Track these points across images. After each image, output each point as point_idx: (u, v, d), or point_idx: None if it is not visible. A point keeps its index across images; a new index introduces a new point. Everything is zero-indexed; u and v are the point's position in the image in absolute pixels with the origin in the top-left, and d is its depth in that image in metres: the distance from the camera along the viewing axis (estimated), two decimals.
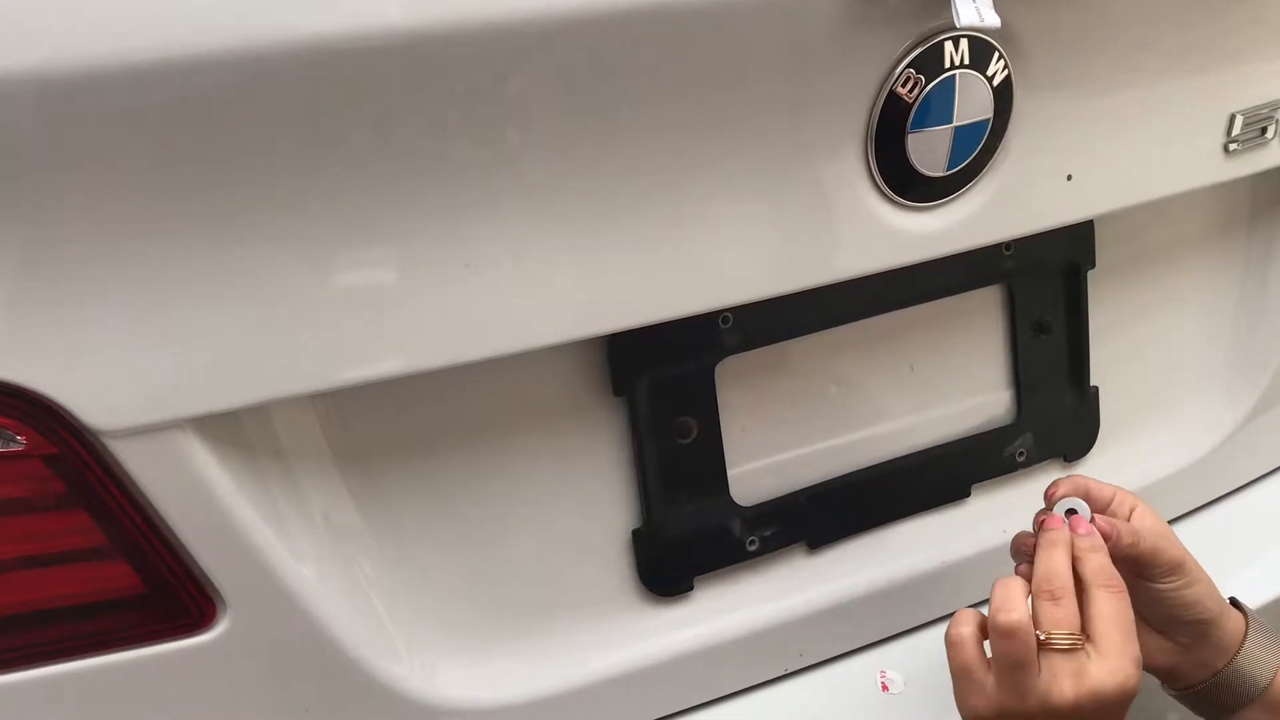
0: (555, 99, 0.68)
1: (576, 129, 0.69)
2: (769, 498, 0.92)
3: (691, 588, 0.90)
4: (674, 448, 0.86)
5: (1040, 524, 0.80)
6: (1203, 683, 0.83)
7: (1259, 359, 1.12)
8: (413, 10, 0.62)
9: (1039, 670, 0.71)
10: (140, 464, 0.66)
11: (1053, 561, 0.75)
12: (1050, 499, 0.83)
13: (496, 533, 0.83)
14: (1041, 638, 0.71)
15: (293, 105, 0.62)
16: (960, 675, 0.75)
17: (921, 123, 0.78)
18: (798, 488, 0.94)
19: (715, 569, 0.91)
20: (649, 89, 0.70)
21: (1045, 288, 1.00)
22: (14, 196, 0.59)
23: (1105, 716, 0.70)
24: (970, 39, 0.77)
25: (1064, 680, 0.70)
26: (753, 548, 0.92)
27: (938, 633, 0.99)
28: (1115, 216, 0.97)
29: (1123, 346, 1.07)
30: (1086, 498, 0.82)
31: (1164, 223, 1.05)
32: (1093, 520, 0.79)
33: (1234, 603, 0.85)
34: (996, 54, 0.79)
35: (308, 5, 0.61)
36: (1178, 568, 0.81)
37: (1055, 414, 1.03)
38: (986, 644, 0.75)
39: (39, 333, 0.62)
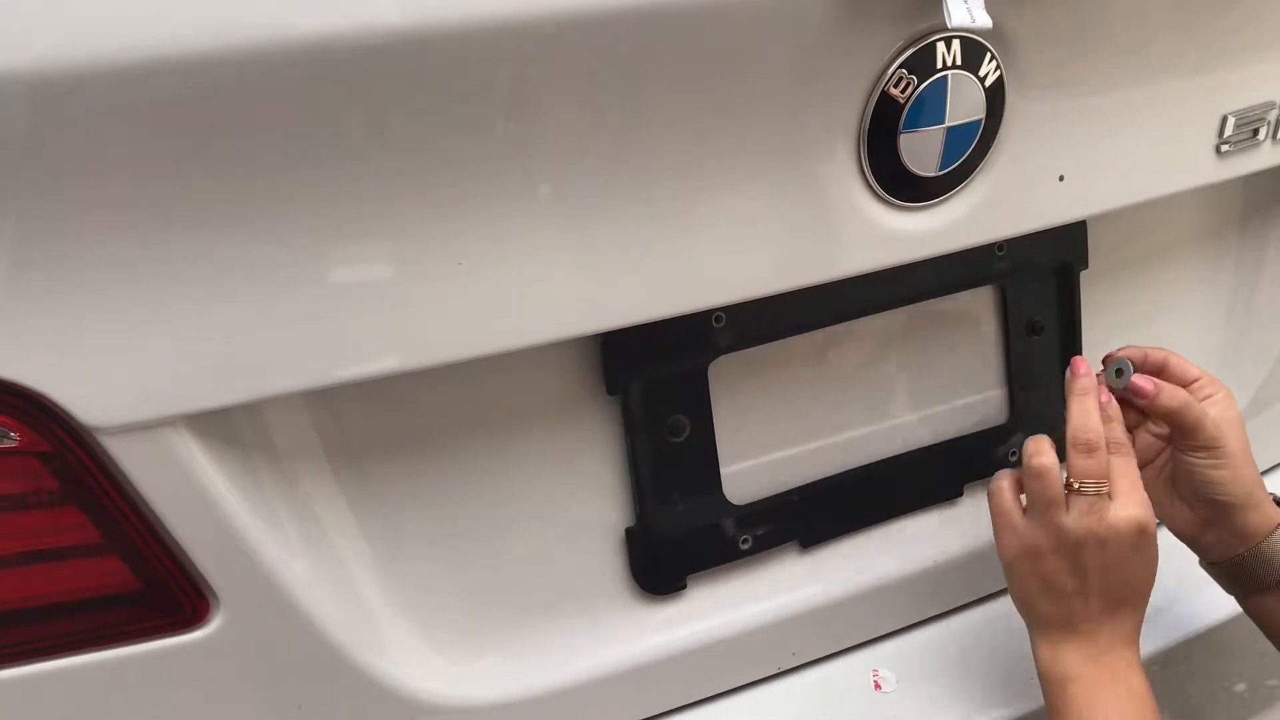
0: (549, 99, 0.68)
1: (570, 128, 0.69)
2: (762, 496, 0.93)
3: (684, 586, 0.91)
4: (667, 446, 0.87)
5: (1072, 370, 0.87)
6: (1225, 561, 0.89)
7: (1251, 360, 1.13)
8: (409, 8, 0.62)
9: (1066, 509, 0.80)
10: (134, 461, 0.66)
11: (1086, 414, 0.84)
12: (1110, 358, 0.90)
13: (489, 531, 0.84)
14: (1075, 485, 0.81)
15: (286, 103, 0.62)
16: (998, 517, 0.85)
17: (914, 123, 0.79)
18: (791, 486, 0.94)
19: (708, 567, 0.91)
20: (642, 89, 0.70)
21: (1038, 288, 1.00)
22: (8, 193, 0.59)
23: (1126, 550, 0.79)
24: (962, 40, 0.78)
25: (1088, 516, 0.79)
26: (746, 546, 0.92)
27: (930, 632, 1.00)
28: (1108, 217, 0.97)
29: (1115, 346, 1.06)
30: (1160, 368, 0.89)
31: (1156, 223, 1.06)
32: (1131, 379, 0.87)
33: (1277, 501, 0.89)
34: (989, 55, 0.79)
35: (305, 3, 0.61)
36: (1213, 448, 0.86)
37: (1048, 414, 1.03)
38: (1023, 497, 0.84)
39: (34, 329, 0.62)
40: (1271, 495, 0.90)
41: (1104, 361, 0.90)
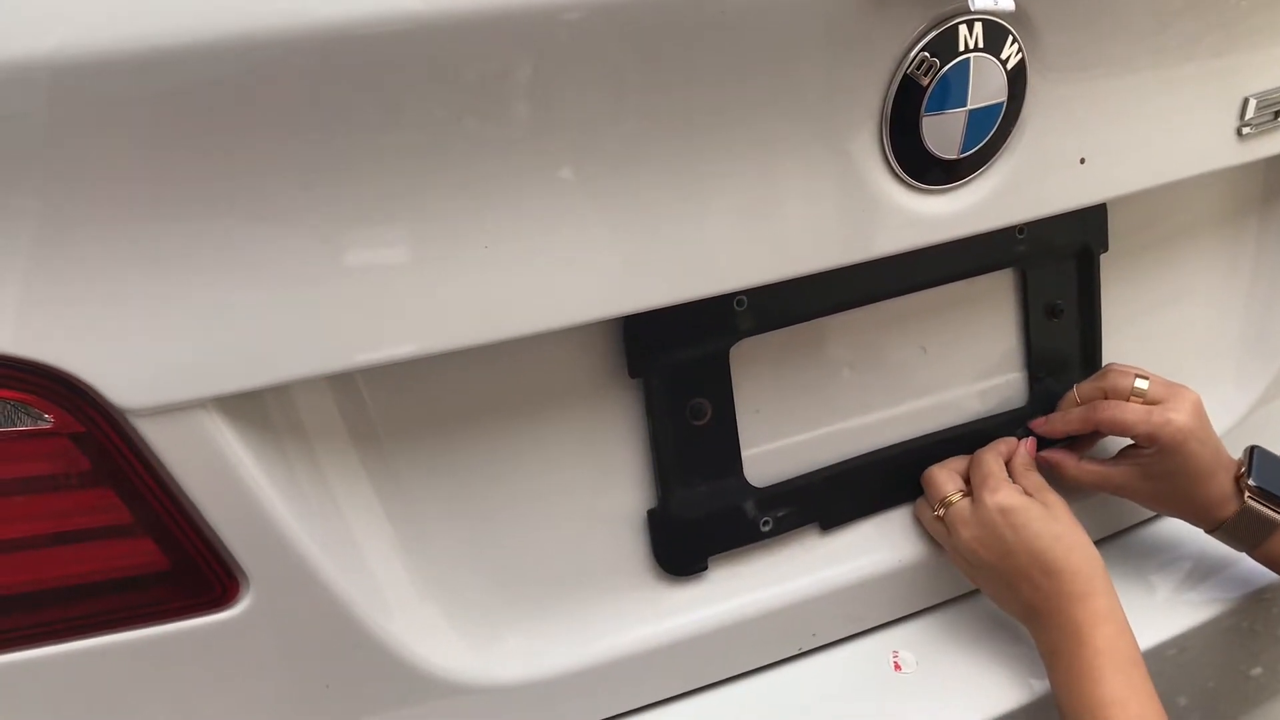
0: (573, 83, 0.68)
1: (594, 112, 0.70)
2: (783, 479, 0.93)
3: (705, 568, 0.91)
4: (689, 429, 0.87)
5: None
6: (1215, 529, 0.96)
7: (1271, 343, 1.13)
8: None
9: (949, 530, 0.93)
10: (165, 442, 0.67)
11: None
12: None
13: (513, 513, 0.84)
14: (938, 510, 0.94)
15: (313, 87, 0.62)
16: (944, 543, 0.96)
17: (936, 106, 0.79)
18: (811, 469, 0.94)
19: (729, 549, 0.92)
20: (666, 73, 0.70)
21: (1058, 271, 1.00)
22: (39, 179, 0.60)
23: (1003, 530, 0.89)
24: (985, 22, 0.78)
25: (960, 525, 0.92)
26: (766, 528, 0.92)
27: (950, 613, 1.01)
28: (1128, 200, 0.97)
29: (1135, 330, 1.07)
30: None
31: (1177, 206, 1.06)
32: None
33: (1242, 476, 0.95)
34: (1010, 37, 0.79)
35: None
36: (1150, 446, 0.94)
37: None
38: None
39: (66, 313, 0.63)
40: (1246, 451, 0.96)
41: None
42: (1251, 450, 0.97)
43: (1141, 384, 0.95)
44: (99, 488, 0.68)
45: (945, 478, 0.95)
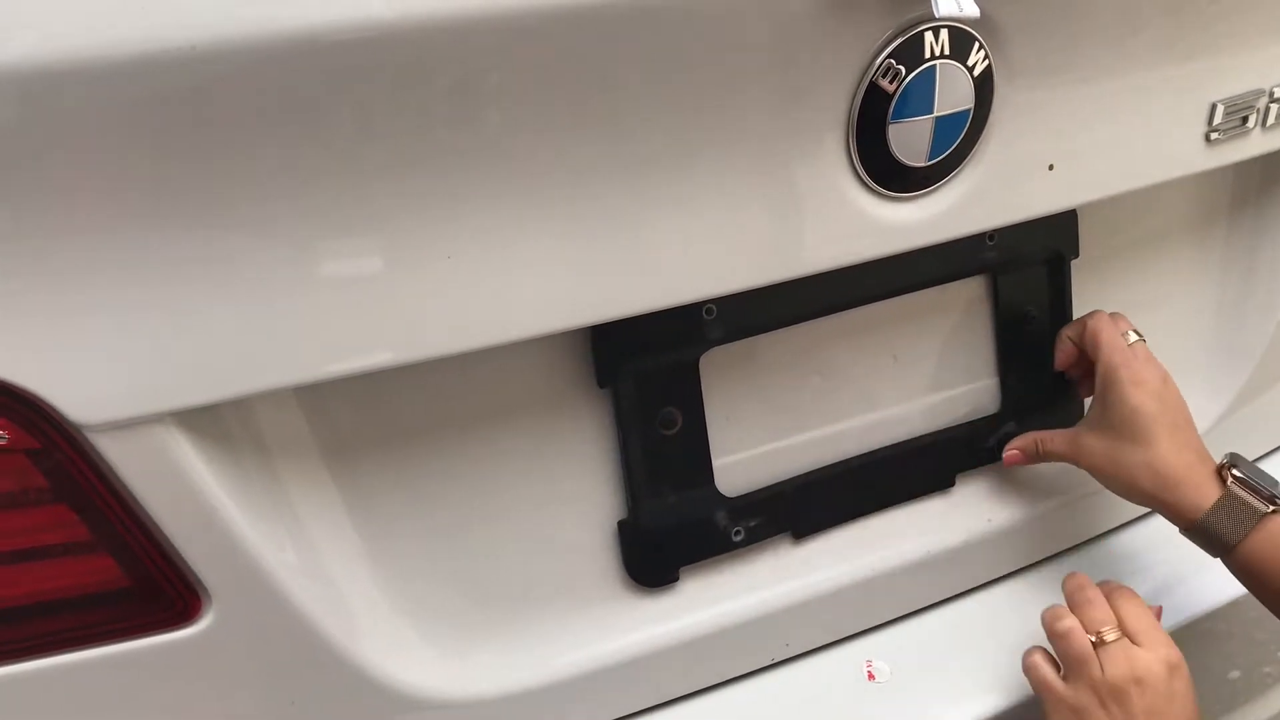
0: (537, 91, 0.68)
1: (558, 121, 0.69)
2: (754, 488, 0.93)
3: (677, 579, 0.91)
4: (659, 439, 0.87)
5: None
6: (1193, 523, 0.92)
7: (1242, 349, 1.13)
8: (394, 2, 0.62)
9: (1099, 664, 0.83)
10: (123, 458, 0.66)
11: (1076, 575, 0.91)
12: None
13: (481, 525, 0.84)
14: (1092, 639, 0.84)
15: (273, 97, 0.61)
16: (1042, 691, 0.87)
17: (902, 113, 0.78)
18: (783, 478, 0.94)
19: (701, 560, 0.91)
20: (630, 81, 0.70)
21: (1029, 278, 1.00)
22: None
23: (1165, 689, 0.82)
24: (950, 29, 0.78)
25: (1121, 664, 0.82)
26: (738, 538, 0.92)
27: (923, 622, 1.01)
28: (1098, 206, 0.97)
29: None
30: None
31: (1147, 212, 1.06)
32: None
33: (1231, 464, 0.92)
34: (977, 44, 0.79)
35: None
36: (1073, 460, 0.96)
37: (1039, 404, 1.04)
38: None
39: (20, 327, 0.62)
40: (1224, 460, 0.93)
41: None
42: (1232, 454, 0.95)
43: (1133, 334, 0.96)
44: (56, 504, 0.67)
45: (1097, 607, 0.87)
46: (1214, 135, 0.96)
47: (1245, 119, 0.97)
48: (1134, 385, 0.92)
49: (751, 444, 0.93)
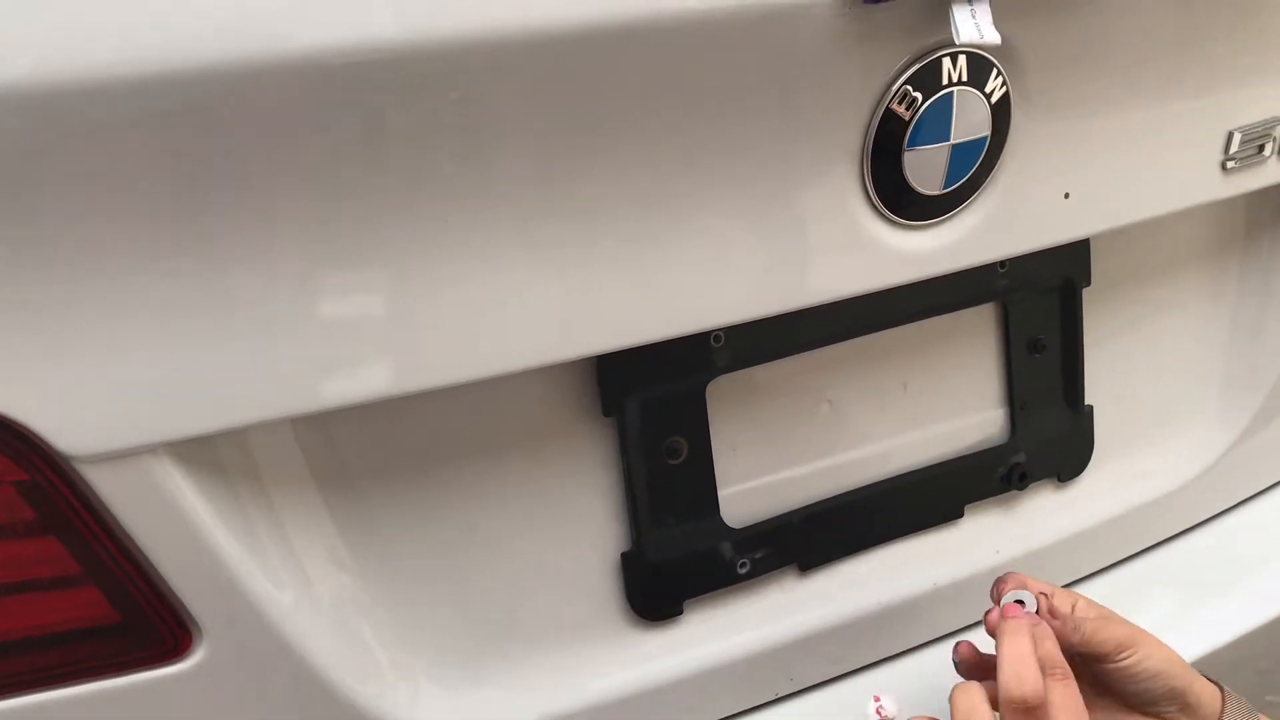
0: (545, 116, 0.66)
1: (567, 147, 0.68)
2: (760, 519, 0.91)
3: (681, 611, 0.89)
4: (664, 469, 0.85)
5: (994, 613, 0.80)
6: None
7: (1253, 378, 1.12)
8: (399, 28, 0.61)
9: None
10: (114, 490, 0.64)
11: (1020, 661, 0.74)
12: (998, 592, 0.82)
13: (483, 556, 0.82)
14: None
15: (271, 125, 0.60)
16: None
17: (918, 140, 0.77)
18: (789, 509, 0.92)
19: (705, 592, 0.89)
20: (642, 107, 0.68)
21: (1040, 306, 0.99)
22: None
23: None
24: (969, 56, 0.76)
25: None
26: (743, 570, 0.90)
27: (932, 655, 0.99)
28: (1111, 234, 0.95)
29: (1118, 365, 1.06)
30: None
31: (1160, 240, 1.04)
32: (1038, 611, 0.80)
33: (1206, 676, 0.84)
34: (995, 71, 0.78)
35: (290, 21, 0.59)
36: (1128, 643, 0.80)
37: (1050, 433, 1.02)
38: None
39: (10, 356, 0.60)
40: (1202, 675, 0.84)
41: (998, 588, 0.83)
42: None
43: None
44: (45, 537, 0.65)
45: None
46: (1230, 164, 0.95)
47: (1262, 147, 0.96)
48: (1164, 663, 0.80)
49: (758, 474, 0.91)
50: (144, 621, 0.69)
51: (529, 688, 0.84)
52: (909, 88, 0.75)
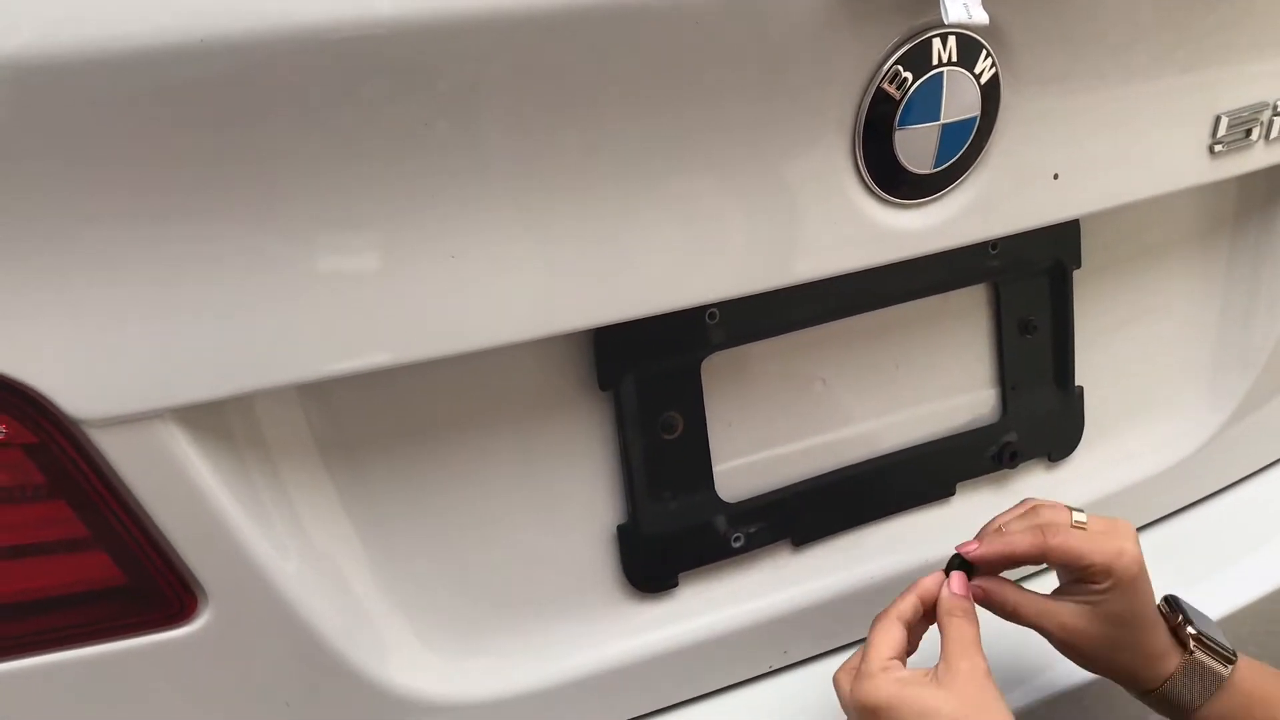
0: (542, 92, 0.67)
1: (564, 122, 0.69)
2: (754, 494, 0.92)
3: (676, 584, 0.90)
4: (659, 443, 0.86)
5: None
6: (1154, 689, 0.84)
7: (1243, 359, 1.13)
8: (399, 2, 0.62)
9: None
10: (122, 454, 0.66)
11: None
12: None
13: (480, 527, 0.83)
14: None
15: (277, 95, 0.61)
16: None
17: (909, 120, 0.78)
18: (783, 484, 0.93)
19: (700, 565, 0.91)
20: (636, 83, 0.70)
21: (1031, 287, 1.00)
22: None
23: None
24: (958, 36, 0.77)
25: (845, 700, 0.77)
26: (738, 544, 0.91)
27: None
28: (1101, 216, 0.97)
29: (1107, 346, 1.07)
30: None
31: (1150, 223, 1.06)
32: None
33: (1184, 621, 0.85)
34: (984, 52, 0.79)
35: None
36: (1105, 576, 0.81)
37: (1041, 413, 1.04)
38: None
39: (19, 321, 0.61)
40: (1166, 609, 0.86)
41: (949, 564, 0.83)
42: (1174, 599, 0.87)
43: (1080, 516, 0.82)
44: (53, 500, 0.67)
45: (881, 638, 0.78)
46: (1218, 148, 0.96)
47: (1249, 132, 0.97)
48: (1145, 570, 0.82)
49: (752, 450, 0.92)
50: (150, 585, 0.70)
51: (524, 657, 0.85)
52: (899, 68, 0.76)
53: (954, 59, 0.78)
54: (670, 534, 0.89)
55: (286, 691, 0.76)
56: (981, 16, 0.73)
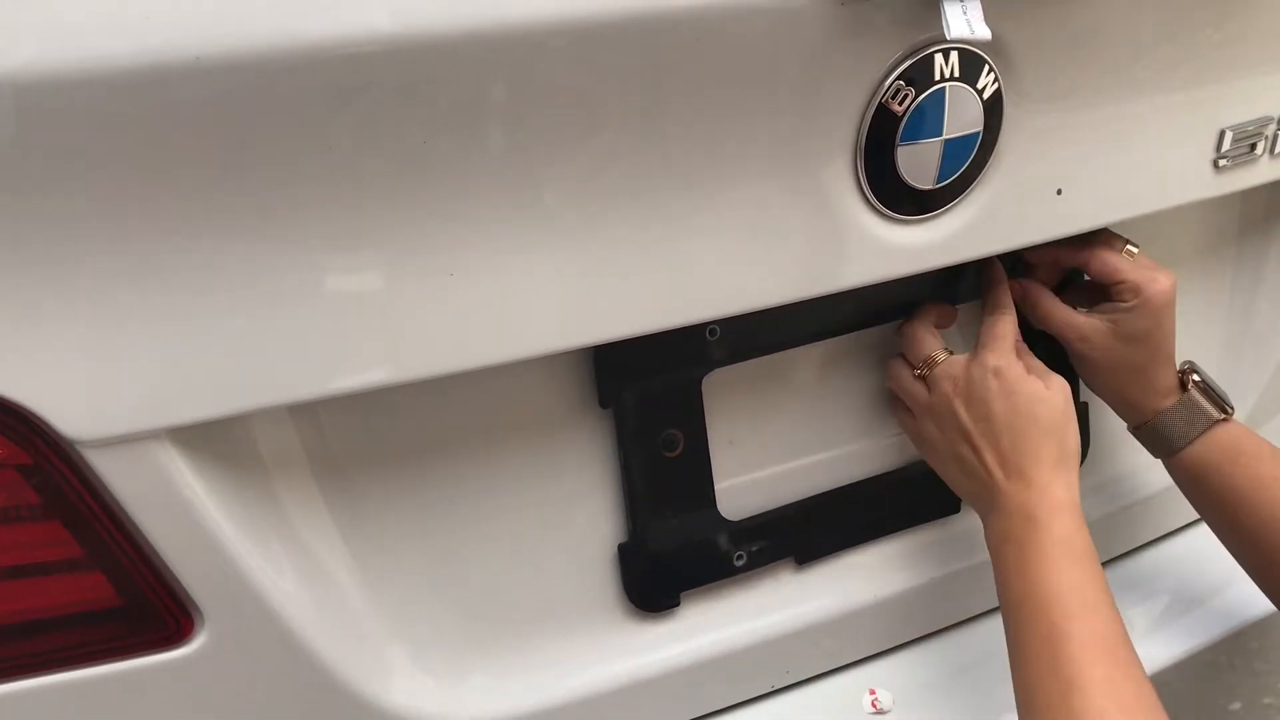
0: (542, 110, 0.67)
1: (564, 139, 0.68)
2: (757, 512, 0.91)
3: (678, 603, 0.90)
4: (660, 461, 0.86)
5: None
6: (1145, 422, 0.93)
7: (1246, 376, 1.12)
8: (400, 17, 0.61)
9: (927, 388, 0.89)
10: (117, 474, 0.65)
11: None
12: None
13: (480, 547, 0.82)
14: (920, 371, 0.89)
15: (274, 111, 0.61)
16: (896, 399, 0.93)
17: (911, 135, 0.78)
18: (786, 502, 0.93)
19: (702, 584, 0.90)
20: (637, 100, 0.69)
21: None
22: None
23: (992, 395, 0.84)
24: (961, 51, 0.77)
25: (944, 381, 0.87)
26: (740, 563, 0.91)
27: (929, 649, 0.99)
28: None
29: None
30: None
31: (1154, 238, 1.05)
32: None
33: (1190, 369, 0.95)
34: (987, 67, 0.79)
35: (295, 10, 0.60)
36: (1134, 294, 0.91)
37: None
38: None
39: (14, 340, 0.61)
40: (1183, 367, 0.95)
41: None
42: (1193, 363, 0.96)
43: (1132, 248, 0.93)
44: (48, 521, 0.66)
45: (930, 336, 0.89)
46: (1222, 162, 0.95)
47: (1254, 146, 0.97)
48: (1170, 308, 0.91)
49: (754, 467, 0.92)
50: (146, 606, 0.69)
51: (524, 677, 0.85)
52: (902, 83, 0.76)
53: (956, 74, 0.78)
54: (671, 552, 0.88)
55: (283, 713, 0.75)
56: (984, 31, 0.73)
